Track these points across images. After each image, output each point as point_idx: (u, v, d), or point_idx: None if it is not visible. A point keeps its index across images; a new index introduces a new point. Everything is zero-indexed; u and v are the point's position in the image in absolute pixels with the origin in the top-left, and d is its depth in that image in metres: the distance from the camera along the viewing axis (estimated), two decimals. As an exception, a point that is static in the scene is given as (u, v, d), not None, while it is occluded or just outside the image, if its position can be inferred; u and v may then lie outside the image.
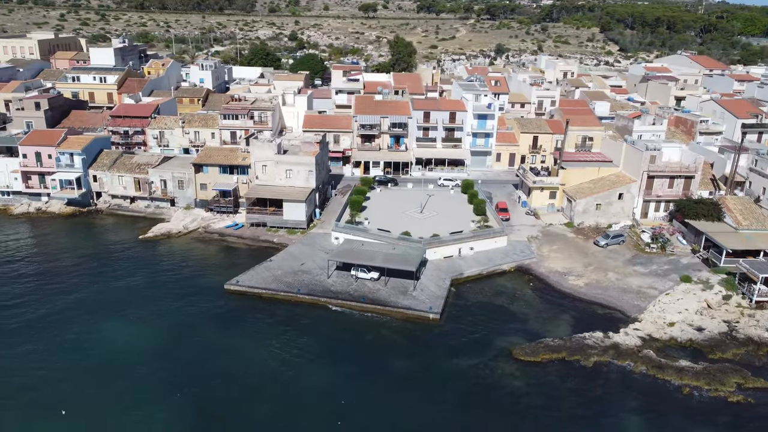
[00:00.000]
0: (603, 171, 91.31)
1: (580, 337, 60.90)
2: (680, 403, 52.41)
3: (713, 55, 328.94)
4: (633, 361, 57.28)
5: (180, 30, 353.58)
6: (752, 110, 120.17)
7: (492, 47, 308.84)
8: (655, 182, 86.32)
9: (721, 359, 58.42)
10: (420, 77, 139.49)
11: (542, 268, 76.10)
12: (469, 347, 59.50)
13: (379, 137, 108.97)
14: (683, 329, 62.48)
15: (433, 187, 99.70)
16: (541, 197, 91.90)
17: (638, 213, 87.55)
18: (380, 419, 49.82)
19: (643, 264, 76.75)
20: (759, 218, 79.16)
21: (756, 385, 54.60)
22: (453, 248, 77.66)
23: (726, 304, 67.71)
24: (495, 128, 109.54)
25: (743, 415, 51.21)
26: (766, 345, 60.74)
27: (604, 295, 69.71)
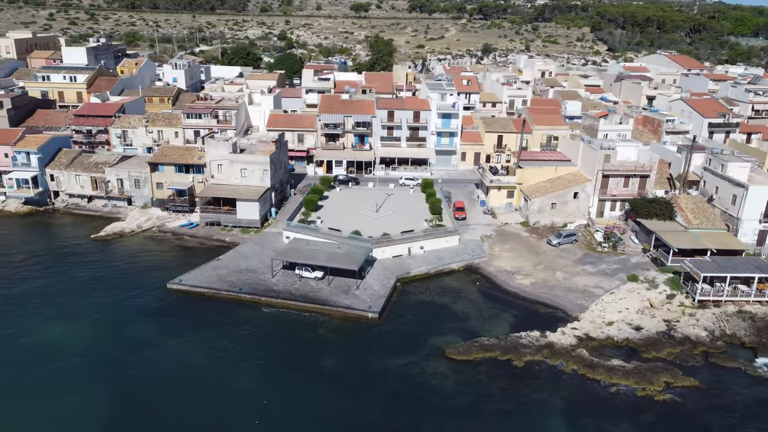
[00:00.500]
0: (561, 170, 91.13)
1: (516, 336, 60.73)
2: (606, 402, 52.24)
3: (701, 55, 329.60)
4: (565, 360, 57.13)
5: (169, 29, 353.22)
6: (719, 109, 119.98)
7: (479, 47, 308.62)
8: (610, 181, 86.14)
9: (655, 358, 58.24)
10: (391, 77, 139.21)
11: (491, 267, 75.95)
12: (404, 346, 59.33)
13: (343, 136, 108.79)
14: (621, 328, 62.32)
15: (393, 187, 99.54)
16: (498, 196, 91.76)
17: (594, 212, 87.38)
18: (300, 418, 49.60)
19: (593, 263, 76.60)
20: (710, 217, 79.03)
21: (685, 384, 54.44)
22: (403, 247, 77.48)
23: (669, 303, 67.59)
24: (459, 127, 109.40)
25: (668, 414, 51.03)
26: (702, 344, 60.55)
27: (548, 295, 69.57)
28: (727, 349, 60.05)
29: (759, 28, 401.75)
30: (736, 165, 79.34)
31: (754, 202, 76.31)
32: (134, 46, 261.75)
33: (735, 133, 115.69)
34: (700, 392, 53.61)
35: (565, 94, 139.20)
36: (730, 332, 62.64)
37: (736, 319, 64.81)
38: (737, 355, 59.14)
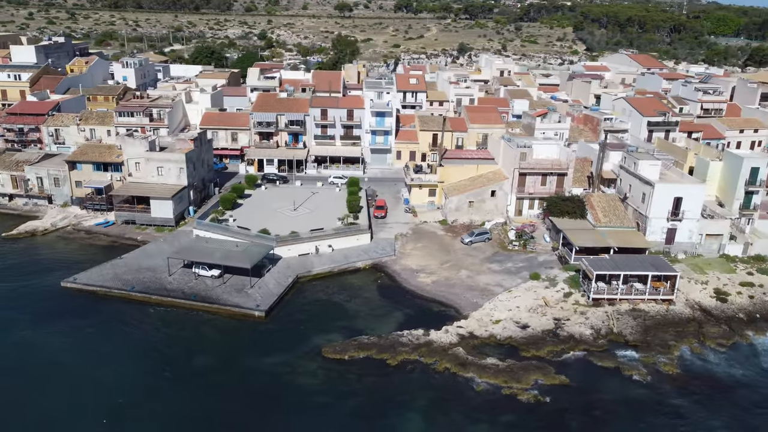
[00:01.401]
0: (482, 168, 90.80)
1: (398, 334, 60.33)
2: (470, 401, 51.81)
3: (679, 55, 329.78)
4: (440, 358, 56.70)
5: (149, 29, 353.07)
6: (660, 108, 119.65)
7: (455, 46, 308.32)
8: (527, 179, 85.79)
9: (533, 357, 57.83)
10: (340, 75, 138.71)
11: (397, 265, 75.54)
12: (283, 345, 58.93)
13: (277, 135, 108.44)
14: (506, 327, 61.92)
15: (321, 185, 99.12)
16: (420, 195, 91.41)
17: (512, 210, 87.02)
18: (150, 418, 49.16)
19: (500, 261, 76.24)
20: (620, 216, 78.68)
21: (555, 382, 54.05)
22: (310, 246, 77.08)
23: (564, 301, 67.23)
24: (393, 126, 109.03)
25: (529, 412, 50.66)
26: (585, 342, 60.17)
27: (446, 293, 69.17)
28: (609, 348, 59.68)
29: (740, 28, 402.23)
30: (647, 163, 78.95)
31: (661, 200, 75.95)
32: (105, 45, 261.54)
33: (675, 132, 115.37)
34: (568, 390, 53.24)
35: (514, 93, 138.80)
36: (617, 330, 62.30)
37: (627, 317, 64.45)
38: (617, 354, 58.76)
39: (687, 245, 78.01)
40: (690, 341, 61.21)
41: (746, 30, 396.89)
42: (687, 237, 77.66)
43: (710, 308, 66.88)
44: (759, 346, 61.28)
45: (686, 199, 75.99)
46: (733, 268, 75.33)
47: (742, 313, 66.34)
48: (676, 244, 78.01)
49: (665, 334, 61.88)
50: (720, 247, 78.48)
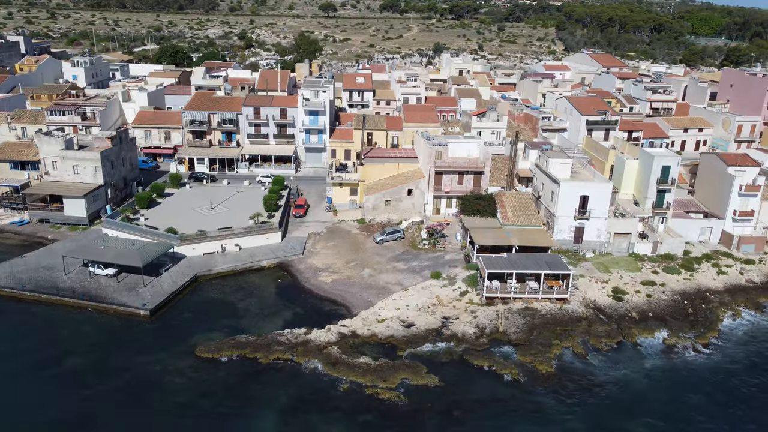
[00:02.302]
0: (403, 167, 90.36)
1: (278, 333, 59.88)
2: (330, 401, 51.36)
3: (657, 55, 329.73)
4: (313, 357, 56.25)
5: (128, 29, 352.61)
6: (600, 107, 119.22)
7: (431, 46, 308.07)
8: (443, 178, 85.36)
9: (410, 355, 57.46)
10: (287, 74, 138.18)
11: (303, 264, 75.13)
12: (160, 344, 58.47)
13: (210, 133, 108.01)
14: (390, 326, 61.46)
15: (249, 184, 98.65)
16: (341, 193, 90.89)
17: (430, 209, 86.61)
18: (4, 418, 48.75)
19: (407, 260, 75.83)
20: (529, 214, 78.33)
21: (423, 382, 53.64)
22: (216, 244, 76.62)
23: (458, 300, 66.85)
24: (327, 125, 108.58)
25: (388, 412, 50.22)
26: (466, 341, 59.75)
27: (342, 292, 68.77)
28: (490, 347, 59.27)
29: (722, 29, 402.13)
30: (558, 161, 78.63)
31: (567, 199, 75.59)
32: (77, 45, 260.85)
33: (615, 130, 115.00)
34: (434, 390, 52.82)
35: (462, 92, 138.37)
36: (503, 329, 61.91)
37: (517, 316, 64.04)
38: (494, 353, 58.34)
39: (596, 244, 77.66)
40: (574, 340, 60.82)
41: (727, 30, 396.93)
42: (595, 235, 77.30)
43: (604, 307, 66.53)
44: (643, 346, 60.87)
45: (593, 198, 75.67)
46: (639, 267, 74.97)
47: (635, 312, 65.97)
48: (585, 242, 77.66)
49: (551, 333, 61.49)
50: (629, 246, 78.14)
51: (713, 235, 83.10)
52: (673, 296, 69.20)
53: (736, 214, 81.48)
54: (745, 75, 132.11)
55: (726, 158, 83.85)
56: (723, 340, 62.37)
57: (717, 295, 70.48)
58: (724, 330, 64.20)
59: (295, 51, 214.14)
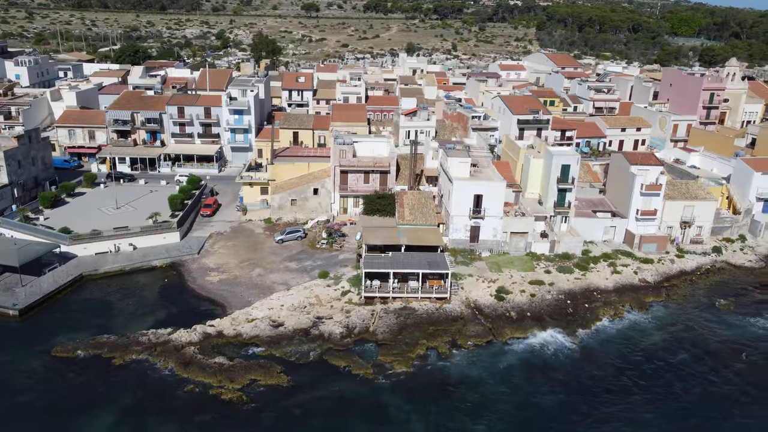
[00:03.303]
0: (314, 166, 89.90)
1: (141, 333, 59.34)
2: (172, 401, 50.82)
3: (632, 55, 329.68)
4: (168, 358, 55.67)
5: (104, 28, 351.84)
6: (533, 106, 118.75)
7: (403, 46, 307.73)
8: (349, 177, 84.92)
9: (269, 356, 56.96)
10: (227, 74, 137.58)
11: (196, 264, 74.62)
12: (21, 343, 57.98)
13: (134, 133, 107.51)
14: (258, 325, 60.91)
15: (166, 183, 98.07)
16: (252, 193, 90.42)
17: (337, 208, 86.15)
18: None
19: (301, 260, 75.36)
20: (426, 214, 77.86)
21: (272, 382, 53.15)
22: (109, 244, 76.09)
23: (338, 300, 66.37)
24: (252, 124, 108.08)
25: (228, 413, 49.72)
26: (331, 341, 59.17)
27: (225, 292, 68.28)
28: (354, 347, 58.78)
29: (701, 29, 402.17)
30: (456, 160, 78.11)
31: (461, 198, 75.16)
32: (44, 44, 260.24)
33: (547, 130, 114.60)
34: (281, 390, 52.37)
35: (405, 92, 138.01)
36: (372, 329, 61.44)
37: (392, 315, 63.54)
38: (355, 353, 57.85)
39: (492, 243, 77.21)
40: (442, 340, 60.36)
41: (707, 30, 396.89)
42: (491, 235, 76.85)
43: (484, 307, 66.04)
44: (511, 346, 60.37)
45: (486, 197, 75.22)
46: (533, 267, 74.52)
47: (514, 312, 65.49)
48: (482, 241, 77.20)
49: (421, 333, 61.03)
50: (527, 246, 77.70)
51: (618, 235, 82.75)
52: (558, 296, 68.74)
53: (638, 213, 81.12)
54: (682, 74, 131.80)
55: (629, 157, 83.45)
56: (594, 340, 61.89)
57: (604, 295, 70.04)
58: (599, 329, 63.72)
59: (253, 51, 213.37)
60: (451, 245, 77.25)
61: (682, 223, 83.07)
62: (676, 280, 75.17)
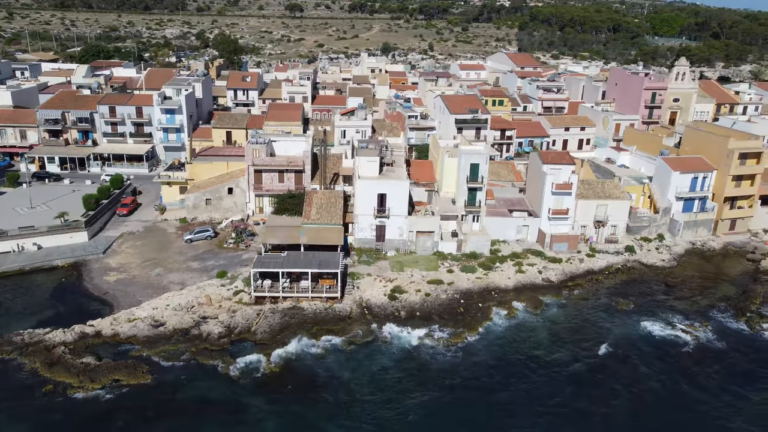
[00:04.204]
0: (233, 165, 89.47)
1: (17, 333, 58.70)
2: (29, 401, 50.37)
3: (610, 55, 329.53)
4: (35, 358, 55.18)
5: (84, 28, 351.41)
6: (472, 106, 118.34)
7: (379, 46, 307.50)
8: (264, 176, 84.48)
9: (140, 356, 56.50)
10: (170, 74, 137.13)
11: (98, 264, 74.11)
12: None
13: (66, 132, 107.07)
14: (137, 325, 60.39)
15: (91, 183, 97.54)
16: (171, 192, 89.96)
17: (253, 207, 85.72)
18: None
19: (205, 259, 74.94)
20: (333, 213, 77.29)
21: (135, 382, 52.73)
22: (12, 243, 75.54)
23: (229, 299, 65.94)
24: (185, 123, 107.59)
25: (79, 412, 49.29)
26: (208, 341, 58.74)
27: (119, 291, 67.74)
28: (230, 347, 58.34)
29: (683, 29, 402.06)
30: (365, 159, 77.72)
31: (365, 197, 74.83)
32: (15, 44, 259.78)
33: (486, 129, 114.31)
34: (142, 389, 51.96)
35: (354, 91, 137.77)
36: (254, 329, 61.02)
37: (278, 315, 63.11)
38: (231, 353, 57.42)
39: (399, 242, 76.85)
40: (323, 339, 59.93)
41: (688, 30, 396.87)
42: (397, 234, 76.47)
43: (374, 306, 65.63)
44: (391, 346, 59.91)
45: (390, 196, 74.86)
46: (437, 266, 74.13)
47: (404, 311, 65.10)
48: (388, 241, 76.83)
49: (304, 333, 60.65)
50: (434, 245, 77.31)
51: (531, 234, 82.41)
52: (453, 295, 68.33)
53: (550, 213, 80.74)
54: (626, 74, 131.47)
55: (543, 156, 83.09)
56: (477, 339, 61.43)
57: (501, 294, 69.66)
58: (486, 329, 63.20)
59: (214, 50, 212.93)
60: (357, 244, 76.94)
61: (596, 223, 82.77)
62: (582, 279, 74.78)
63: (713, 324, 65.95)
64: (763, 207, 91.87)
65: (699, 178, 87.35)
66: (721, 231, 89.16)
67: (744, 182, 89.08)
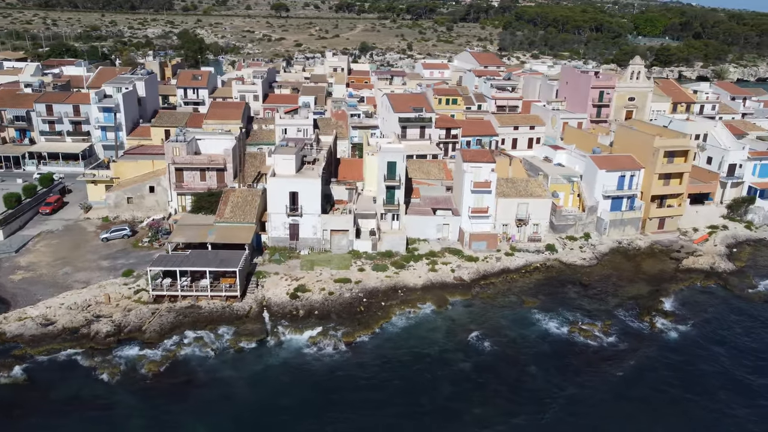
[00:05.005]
0: (159, 164, 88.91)
1: None
2: None
3: (590, 55, 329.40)
4: None
5: (65, 28, 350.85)
6: (417, 105, 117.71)
7: (357, 45, 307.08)
8: (185, 174, 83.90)
9: (22, 355, 55.94)
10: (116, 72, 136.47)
11: (8, 263, 73.21)
12: None
13: (3, 131, 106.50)
14: (26, 324, 59.71)
15: (23, 182, 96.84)
16: (96, 191, 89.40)
17: (175, 206, 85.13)
18: None
19: (117, 258, 74.38)
20: (248, 212, 76.74)
21: (5, 382, 52.32)
22: None
23: (129, 298, 65.39)
24: (123, 122, 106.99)
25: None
26: (95, 341, 58.23)
27: (19, 290, 67.00)
28: (115, 346, 57.81)
29: (666, 28, 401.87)
30: (280, 157, 77.12)
31: (277, 195, 74.35)
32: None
33: (431, 128, 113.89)
34: (13, 390, 51.53)
35: (307, 90, 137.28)
36: (145, 328, 60.48)
37: (173, 314, 62.50)
38: (114, 352, 56.93)
39: (313, 241, 76.35)
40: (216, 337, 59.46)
41: (672, 30, 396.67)
42: (311, 233, 75.98)
43: (274, 305, 65.14)
44: (281, 345, 59.43)
45: (303, 194, 74.36)
46: (349, 265, 73.60)
47: (303, 310, 64.62)
48: (302, 239, 76.33)
49: (191, 331, 60.17)
50: (349, 243, 76.81)
51: (453, 233, 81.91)
52: (357, 294, 67.79)
53: (470, 211, 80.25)
54: (576, 72, 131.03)
55: (463, 154, 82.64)
56: (371, 339, 60.92)
57: (407, 293, 69.13)
58: (383, 328, 62.71)
59: (178, 49, 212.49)
60: (272, 243, 76.45)
61: (518, 221, 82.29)
62: (496, 278, 74.28)
63: (615, 323, 65.46)
64: (692, 206, 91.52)
65: (626, 176, 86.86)
66: (650, 230, 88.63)
67: (673, 181, 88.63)
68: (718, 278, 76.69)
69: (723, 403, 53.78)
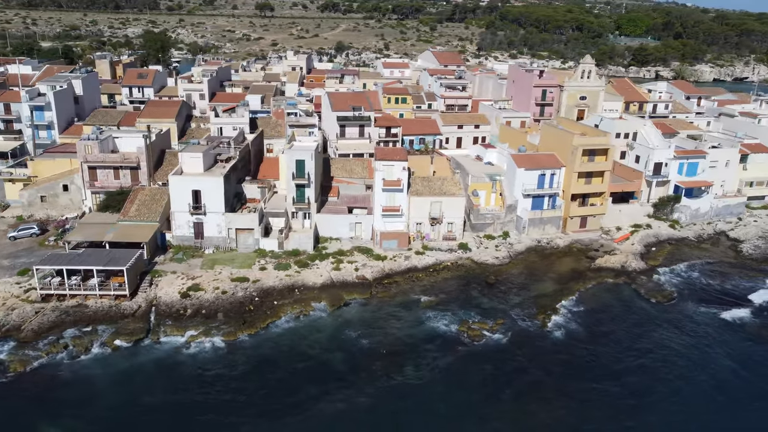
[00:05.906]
0: (76, 162, 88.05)
1: None
2: None
3: (569, 54, 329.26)
4: None
5: (44, 27, 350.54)
6: (357, 103, 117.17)
7: (333, 45, 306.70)
8: (98, 173, 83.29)
9: None
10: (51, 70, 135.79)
11: None
12: None
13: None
14: None
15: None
16: (14, 189, 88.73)
17: (90, 204, 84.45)
18: None
19: (19, 257, 73.60)
20: (154, 210, 76.19)
21: None
22: None
23: (17, 297, 64.64)
24: (55, 120, 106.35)
25: None
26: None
27: None
28: (-10, 346, 57.32)
29: (649, 28, 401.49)
30: (188, 156, 76.53)
31: (180, 193, 73.78)
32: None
33: (370, 126, 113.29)
34: None
35: (255, 89, 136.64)
36: (24, 327, 59.82)
37: (56, 313, 61.82)
38: (-15, 351, 56.46)
39: (218, 239, 75.77)
40: (91, 337, 58.88)
41: (654, 30, 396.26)
42: (216, 231, 75.38)
43: (162, 304, 64.38)
44: (158, 345, 58.77)
45: (206, 193, 73.78)
46: (251, 264, 72.98)
47: (191, 309, 63.90)
48: (207, 238, 75.76)
49: (70, 330, 59.57)
50: (255, 242, 76.22)
51: (366, 231, 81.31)
52: (251, 293, 67.10)
53: (381, 209, 79.65)
54: (521, 71, 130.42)
55: (377, 152, 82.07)
56: (252, 339, 60.23)
57: (304, 292, 68.50)
58: (268, 328, 62.08)
59: (143, 48, 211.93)
60: (176, 242, 75.82)
61: (432, 220, 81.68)
62: (401, 277, 73.66)
63: (507, 322, 64.81)
64: (616, 204, 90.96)
65: (547, 175, 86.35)
66: (571, 228, 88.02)
67: (594, 179, 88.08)
68: (626, 277, 76.12)
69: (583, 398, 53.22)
